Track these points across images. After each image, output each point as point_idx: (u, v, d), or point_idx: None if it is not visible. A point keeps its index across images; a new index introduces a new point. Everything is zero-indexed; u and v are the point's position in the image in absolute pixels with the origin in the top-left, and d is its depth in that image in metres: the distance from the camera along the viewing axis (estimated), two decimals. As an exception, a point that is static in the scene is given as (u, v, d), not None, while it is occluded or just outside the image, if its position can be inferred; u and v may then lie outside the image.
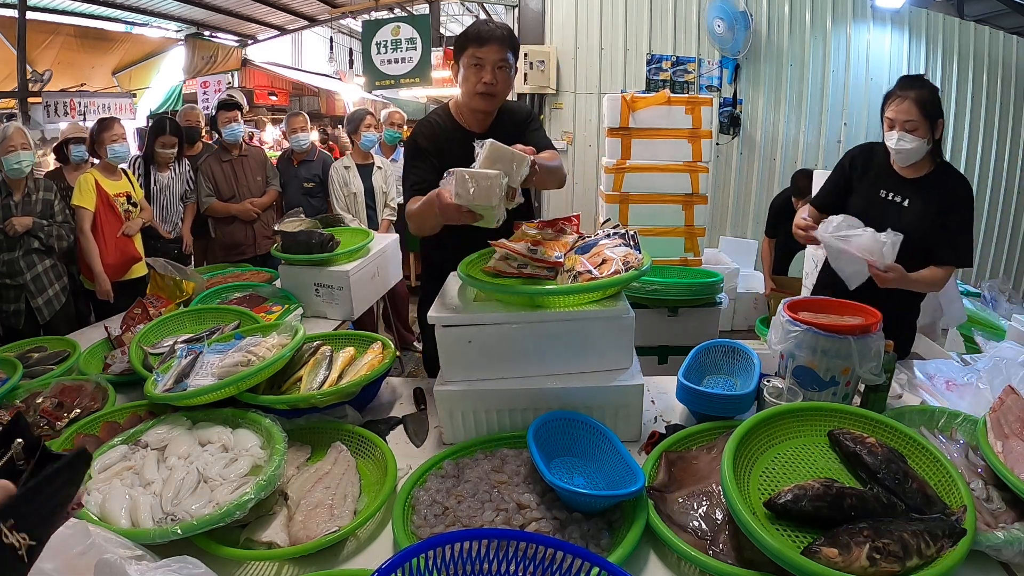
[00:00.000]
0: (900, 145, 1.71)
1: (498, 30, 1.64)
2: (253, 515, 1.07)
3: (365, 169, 3.67)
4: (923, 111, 1.69)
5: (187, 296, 2.19)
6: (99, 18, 6.02)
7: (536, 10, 4.83)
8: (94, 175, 2.83)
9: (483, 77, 1.63)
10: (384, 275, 2.60)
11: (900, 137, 1.70)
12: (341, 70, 10.49)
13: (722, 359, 1.59)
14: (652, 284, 2.41)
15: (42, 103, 5.35)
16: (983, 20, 5.57)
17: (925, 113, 1.69)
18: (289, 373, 1.49)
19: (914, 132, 1.69)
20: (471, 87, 1.65)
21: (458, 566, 0.83)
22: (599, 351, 1.33)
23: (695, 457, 1.19)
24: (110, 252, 2.83)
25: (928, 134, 1.71)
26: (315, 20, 7.47)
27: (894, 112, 1.72)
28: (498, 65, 1.63)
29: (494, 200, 1.29)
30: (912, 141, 1.70)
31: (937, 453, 1.06)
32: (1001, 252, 4.74)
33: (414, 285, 5.37)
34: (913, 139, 1.70)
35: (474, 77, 1.63)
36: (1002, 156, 4.58)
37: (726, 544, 0.96)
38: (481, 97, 1.66)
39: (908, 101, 1.69)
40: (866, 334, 1.28)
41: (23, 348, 1.94)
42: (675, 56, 4.67)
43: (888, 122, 1.75)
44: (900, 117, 1.70)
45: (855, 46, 4.49)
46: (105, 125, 2.94)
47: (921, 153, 1.73)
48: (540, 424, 1.21)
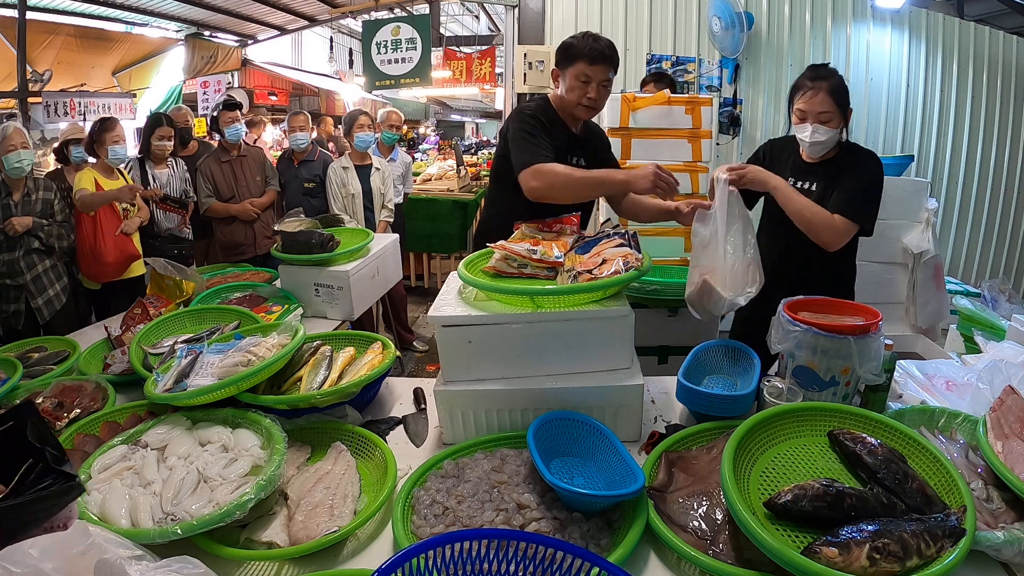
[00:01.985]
0: (815, 138, 1.68)
1: (608, 50, 1.76)
2: (253, 515, 1.07)
3: (363, 170, 3.68)
4: (837, 101, 1.66)
5: (187, 296, 2.19)
6: (99, 18, 6.01)
7: (536, 10, 4.83)
8: (93, 173, 2.83)
9: (588, 93, 1.78)
10: (384, 275, 2.60)
11: (815, 130, 1.67)
12: (341, 70, 10.50)
13: (722, 359, 1.59)
14: (652, 284, 2.40)
15: (42, 103, 5.35)
16: (983, 20, 5.57)
17: (839, 103, 1.66)
18: (289, 373, 1.49)
19: (828, 123, 1.66)
20: (575, 98, 1.80)
21: (458, 566, 0.83)
22: (599, 351, 1.33)
23: (695, 457, 1.19)
24: (109, 250, 2.83)
25: (841, 124, 1.69)
26: (315, 20, 7.47)
27: (807, 104, 1.67)
28: (602, 83, 1.78)
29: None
30: (826, 133, 1.67)
31: (937, 453, 1.06)
32: (1001, 252, 4.73)
33: (414, 285, 5.38)
34: (827, 131, 1.67)
35: (580, 91, 1.78)
36: (1002, 156, 4.58)
37: (726, 544, 0.96)
38: (584, 109, 1.82)
39: (822, 92, 1.65)
40: (866, 334, 1.28)
41: (23, 348, 1.94)
42: (675, 56, 4.66)
43: (799, 114, 1.70)
44: (814, 108, 1.66)
45: (855, 46, 4.48)
46: (107, 125, 2.93)
47: (832, 144, 1.72)
48: (540, 424, 1.21)
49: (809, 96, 1.67)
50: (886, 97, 4.50)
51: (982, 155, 4.57)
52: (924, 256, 2.90)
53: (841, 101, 1.67)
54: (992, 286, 2.37)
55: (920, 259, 2.91)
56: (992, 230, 4.68)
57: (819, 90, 1.65)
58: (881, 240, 3.03)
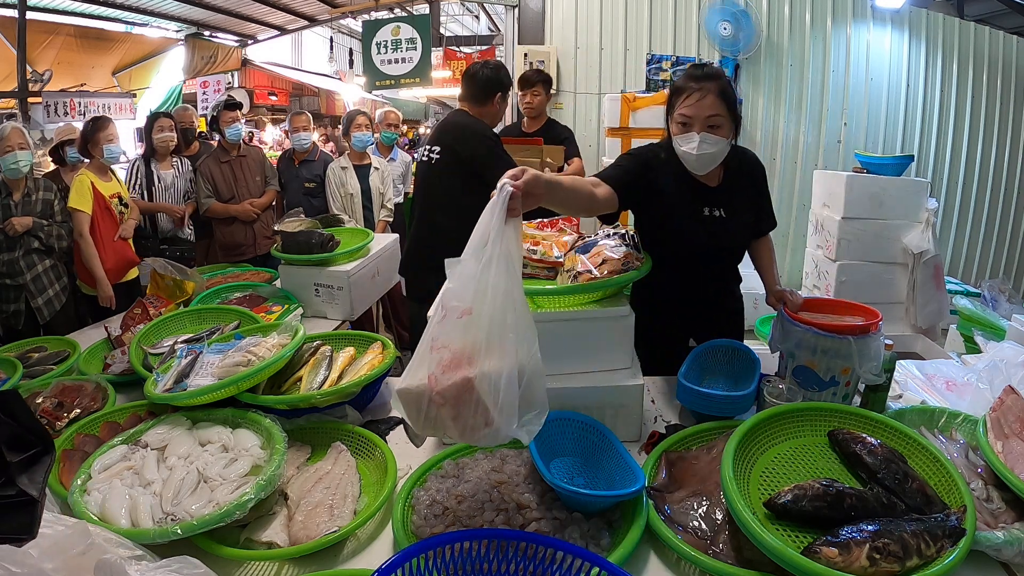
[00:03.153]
0: (703, 149, 1.41)
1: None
2: (253, 515, 1.07)
3: (362, 170, 3.67)
4: (728, 105, 1.41)
5: (187, 296, 2.19)
6: (99, 18, 6.01)
7: (536, 10, 4.82)
8: (89, 177, 2.78)
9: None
10: (384, 275, 2.60)
11: (703, 139, 1.41)
12: (341, 70, 10.50)
13: (722, 359, 1.59)
14: (652, 284, 2.40)
15: (42, 103, 5.35)
16: (983, 20, 5.57)
17: (729, 107, 1.42)
18: (289, 373, 1.49)
19: (718, 130, 1.42)
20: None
21: (458, 566, 0.83)
22: (599, 351, 1.33)
23: (695, 457, 1.19)
24: (108, 257, 2.81)
25: (731, 132, 1.46)
26: (315, 20, 7.46)
27: (693, 109, 1.40)
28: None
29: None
30: (716, 143, 1.42)
31: (937, 453, 1.06)
32: (1001, 252, 4.73)
33: (414, 285, 5.37)
34: (717, 140, 1.42)
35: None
36: (1002, 156, 4.57)
37: (726, 544, 0.96)
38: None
39: (711, 95, 1.39)
40: (866, 334, 1.28)
41: (23, 348, 1.94)
42: (675, 56, 4.66)
43: (683, 120, 1.42)
44: (701, 113, 1.39)
45: (855, 46, 4.48)
46: (100, 124, 2.87)
47: (722, 157, 1.47)
48: (540, 424, 1.21)
49: (696, 99, 1.40)
50: (886, 97, 4.50)
51: (982, 155, 4.57)
52: (924, 256, 2.91)
53: (732, 105, 1.44)
54: (992, 286, 2.38)
55: (920, 259, 2.92)
56: (992, 230, 4.68)
57: (707, 92, 1.39)
58: (881, 240, 3.03)
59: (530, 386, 0.86)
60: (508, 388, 0.83)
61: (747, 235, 1.63)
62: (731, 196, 1.54)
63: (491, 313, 0.84)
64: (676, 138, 1.45)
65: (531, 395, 0.87)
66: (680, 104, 1.43)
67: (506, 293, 0.84)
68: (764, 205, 1.64)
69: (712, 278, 1.64)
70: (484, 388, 0.82)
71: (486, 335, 0.84)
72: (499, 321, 0.84)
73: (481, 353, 0.84)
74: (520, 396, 0.85)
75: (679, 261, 1.55)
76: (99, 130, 2.85)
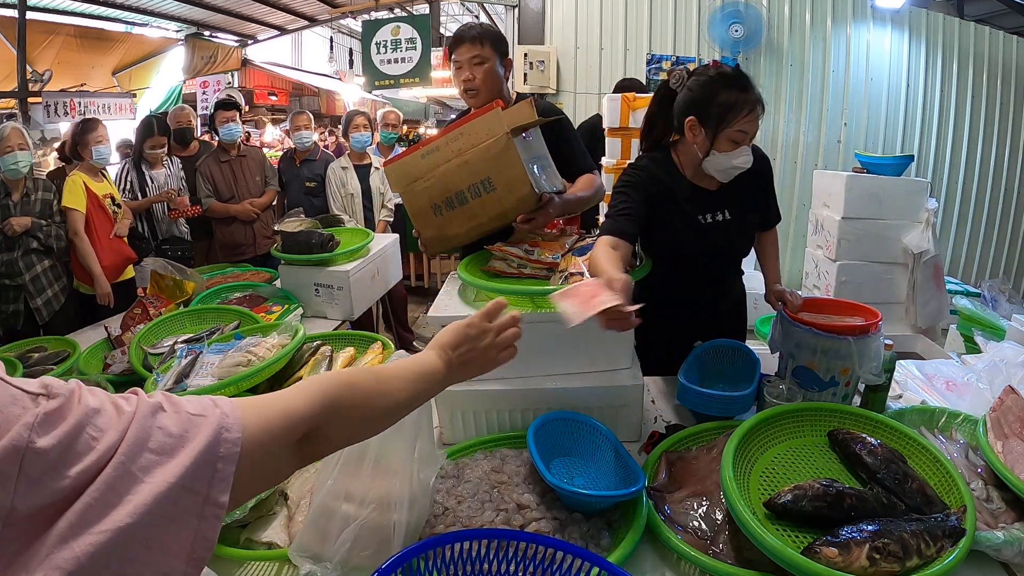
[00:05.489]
0: (745, 163, 1.40)
1: (470, 30, 1.71)
2: (253, 515, 1.07)
3: (362, 170, 3.68)
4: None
5: (187, 296, 2.19)
6: (99, 18, 6.01)
7: (536, 10, 4.83)
8: (81, 177, 2.77)
9: (463, 75, 1.71)
10: (384, 275, 2.60)
11: (747, 153, 1.39)
12: (341, 70, 10.50)
13: (722, 359, 1.59)
14: (652, 284, 2.40)
15: (42, 103, 5.35)
16: (983, 20, 5.57)
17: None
18: (289, 373, 1.49)
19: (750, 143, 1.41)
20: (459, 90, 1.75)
21: (458, 566, 0.83)
22: (599, 351, 1.33)
23: (695, 457, 1.19)
24: (105, 255, 2.80)
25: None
26: (315, 20, 7.47)
27: (751, 125, 1.36)
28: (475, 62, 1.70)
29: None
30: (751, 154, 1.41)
31: (937, 453, 1.06)
32: (1001, 252, 4.73)
33: (414, 285, 5.38)
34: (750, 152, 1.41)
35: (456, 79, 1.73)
36: (1002, 156, 4.58)
37: (726, 544, 0.96)
38: (466, 95, 1.74)
39: (758, 108, 1.37)
40: (866, 334, 1.28)
41: (23, 348, 1.94)
42: (675, 56, 4.66)
43: (738, 138, 1.37)
44: (754, 128, 1.37)
45: (855, 46, 4.48)
46: (90, 126, 2.86)
47: None
48: (540, 424, 1.21)
49: (751, 116, 1.36)
50: (886, 97, 4.50)
51: (982, 155, 4.57)
52: (924, 256, 2.91)
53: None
54: (992, 286, 2.37)
55: (920, 259, 2.91)
56: (992, 230, 4.68)
57: (755, 105, 1.36)
58: (881, 240, 3.03)
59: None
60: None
61: (752, 234, 1.61)
62: (735, 196, 1.51)
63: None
64: (722, 154, 1.39)
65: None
66: (738, 121, 1.35)
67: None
68: (770, 200, 1.61)
69: (713, 280, 1.63)
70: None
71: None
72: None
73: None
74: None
75: (680, 263, 1.54)
76: (88, 132, 2.83)
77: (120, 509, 0.40)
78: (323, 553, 0.88)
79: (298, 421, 0.55)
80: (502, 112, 1.48)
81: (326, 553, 0.88)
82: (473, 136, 1.49)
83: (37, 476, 0.39)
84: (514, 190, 1.47)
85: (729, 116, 1.35)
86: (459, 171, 1.50)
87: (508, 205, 1.48)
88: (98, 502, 0.40)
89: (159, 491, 0.42)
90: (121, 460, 0.42)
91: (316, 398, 0.58)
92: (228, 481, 0.46)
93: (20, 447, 0.39)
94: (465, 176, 1.50)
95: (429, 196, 1.56)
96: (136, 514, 0.41)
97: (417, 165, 1.56)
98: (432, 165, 1.54)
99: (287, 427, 0.54)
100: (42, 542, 0.38)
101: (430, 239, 1.62)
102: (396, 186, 1.61)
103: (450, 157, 1.52)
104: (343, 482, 0.91)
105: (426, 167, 1.55)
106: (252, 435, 0.49)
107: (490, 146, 1.47)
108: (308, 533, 0.91)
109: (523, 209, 1.47)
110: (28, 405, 0.41)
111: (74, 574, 0.38)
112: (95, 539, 0.39)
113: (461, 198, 1.52)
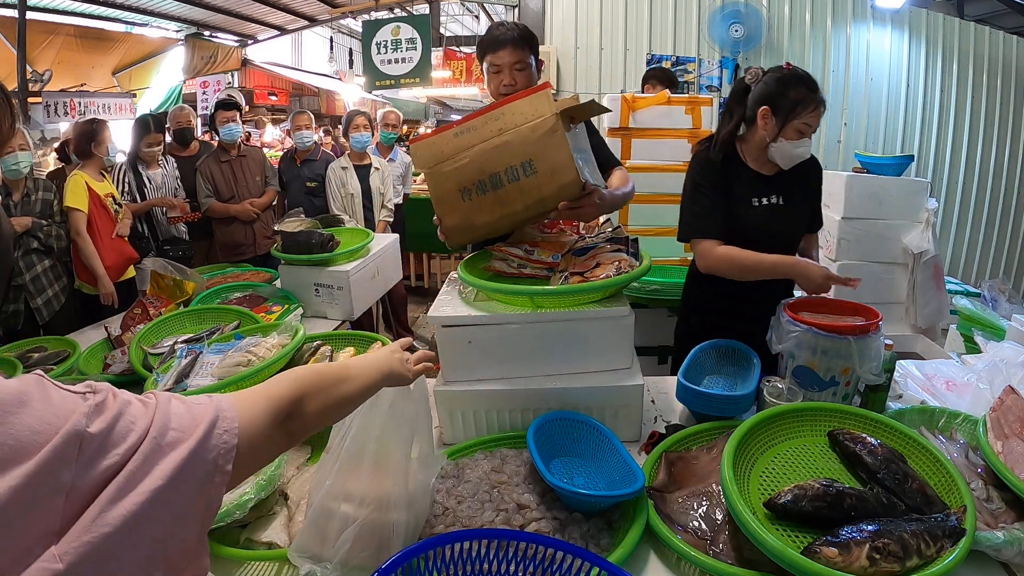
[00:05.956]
0: (805, 153, 1.61)
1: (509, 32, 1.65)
2: (253, 515, 1.07)
3: (363, 170, 3.68)
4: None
5: (187, 296, 2.19)
6: (99, 18, 6.02)
7: (536, 10, 4.83)
8: (83, 177, 2.77)
9: (502, 80, 1.66)
10: (384, 275, 2.60)
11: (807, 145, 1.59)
12: (341, 70, 10.49)
13: (722, 359, 1.59)
14: (652, 284, 2.40)
15: (42, 103, 5.35)
16: (983, 20, 5.57)
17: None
18: (289, 373, 1.49)
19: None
20: (493, 91, 1.70)
21: (458, 566, 0.83)
22: (599, 351, 1.33)
23: (695, 457, 1.19)
24: (108, 255, 2.80)
25: None
26: (315, 20, 7.48)
27: (815, 119, 1.57)
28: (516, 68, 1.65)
29: None
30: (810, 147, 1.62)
31: (937, 453, 1.06)
32: (1001, 252, 4.73)
33: (414, 285, 5.38)
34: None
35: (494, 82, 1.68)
36: (1002, 156, 4.58)
37: (726, 544, 0.96)
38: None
39: (821, 106, 1.57)
40: (866, 334, 1.28)
41: (23, 348, 1.94)
42: (675, 56, 4.67)
43: (803, 129, 1.57)
44: (816, 125, 1.58)
45: (855, 46, 4.49)
46: (102, 125, 2.87)
47: None
48: (540, 424, 1.21)
49: (816, 112, 1.57)
50: (886, 97, 4.50)
51: (982, 155, 4.57)
52: (924, 256, 2.90)
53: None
54: (992, 286, 2.37)
55: (920, 259, 2.91)
56: (992, 230, 4.68)
57: (819, 104, 1.57)
58: (881, 240, 3.03)
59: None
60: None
61: (803, 224, 1.73)
62: (788, 186, 1.67)
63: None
64: (787, 142, 1.57)
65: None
66: (805, 115, 1.55)
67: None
68: (817, 204, 1.76)
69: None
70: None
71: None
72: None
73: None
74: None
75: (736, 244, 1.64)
76: (104, 130, 2.86)
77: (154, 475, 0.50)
78: (323, 553, 0.88)
79: (280, 402, 0.68)
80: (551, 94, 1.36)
81: (325, 553, 0.88)
82: (517, 115, 1.35)
83: (91, 456, 0.48)
84: (557, 176, 1.35)
85: (798, 109, 1.54)
86: (497, 151, 1.37)
87: (549, 192, 1.36)
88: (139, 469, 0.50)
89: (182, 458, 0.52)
90: (153, 436, 0.52)
91: (292, 382, 0.72)
92: (232, 453, 0.57)
93: (80, 432, 0.48)
94: (504, 157, 1.37)
95: (459, 178, 1.41)
96: (166, 478, 0.50)
97: (448, 143, 1.41)
98: (465, 145, 1.39)
99: (273, 407, 0.67)
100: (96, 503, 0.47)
101: (453, 227, 1.48)
102: (421, 165, 1.47)
103: (487, 136, 1.38)
104: (342, 483, 0.91)
105: (458, 147, 1.40)
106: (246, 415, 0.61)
107: (536, 126, 1.34)
108: (308, 533, 0.91)
109: (564, 197, 1.37)
110: (79, 401, 0.50)
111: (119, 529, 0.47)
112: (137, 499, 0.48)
113: (496, 181, 1.39)
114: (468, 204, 1.42)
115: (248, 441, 0.60)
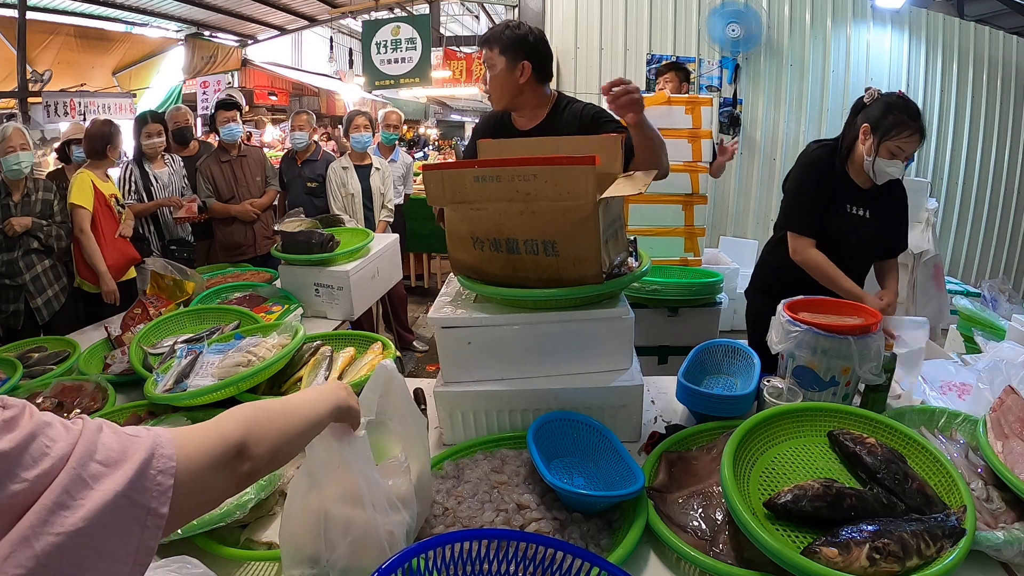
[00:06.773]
0: (896, 172, 1.74)
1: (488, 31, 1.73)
2: (253, 515, 1.07)
3: (363, 170, 3.68)
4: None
5: (187, 296, 2.19)
6: (99, 18, 6.02)
7: (536, 10, 4.83)
8: (89, 175, 2.78)
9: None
10: (384, 275, 2.60)
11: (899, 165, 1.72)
12: (341, 70, 10.49)
13: (722, 359, 1.59)
14: (652, 284, 2.40)
15: (42, 103, 5.35)
16: (983, 20, 5.57)
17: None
18: (289, 373, 1.49)
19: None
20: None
21: (458, 566, 0.83)
22: (599, 351, 1.33)
23: (695, 457, 1.19)
24: (110, 253, 2.81)
25: None
26: (315, 20, 7.48)
27: (910, 146, 1.70)
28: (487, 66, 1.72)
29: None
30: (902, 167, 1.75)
31: (937, 453, 1.06)
32: (1001, 252, 4.74)
33: (414, 285, 5.38)
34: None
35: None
36: (1002, 156, 4.58)
37: (726, 544, 0.96)
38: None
39: (918, 135, 1.69)
40: (866, 334, 1.28)
41: (23, 348, 1.94)
42: (675, 56, 4.66)
43: (895, 151, 1.71)
44: (910, 150, 1.71)
45: (855, 46, 4.49)
46: (118, 129, 2.91)
47: None
48: (540, 424, 1.21)
49: (913, 139, 1.69)
50: (886, 97, 4.50)
51: (982, 155, 4.57)
52: (924, 256, 2.91)
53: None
54: (992, 286, 2.37)
55: (920, 259, 2.92)
56: (992, 230, 4.68)
57: (916, 131, 1.69)
58: (881, 240, 3.03)
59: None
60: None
61: (883, 243, 1.86)
62: (878, 203, 1.82)
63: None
64: (881, 160, 1.72)
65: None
66: (899, 138, 1.69)
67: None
68: (902, 228, 1.90)
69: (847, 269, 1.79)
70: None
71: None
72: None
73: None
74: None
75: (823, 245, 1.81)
76: (118, 135, 2.89)
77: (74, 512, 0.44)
78: (322, 555, 0.88)
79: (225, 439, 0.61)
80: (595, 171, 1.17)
81: (325, 555, 0.88)
82: (551, 186, 1.19)
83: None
84: (580, 265, 1.25)
85: (893, 132, 1.69)
86: (520, 219, 1.24)
87: (567, 276, 1.26)
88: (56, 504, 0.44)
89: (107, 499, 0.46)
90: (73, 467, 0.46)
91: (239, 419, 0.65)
92: (167, 494, 0.50)
93: None
94: (527, 228, 1.24)
95: (471, 227, 1.31)
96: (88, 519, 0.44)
97: (464, 185, 1.27)
98: (486, 196, 1.25)
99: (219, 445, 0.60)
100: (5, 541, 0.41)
101: (459, 262, 1.39)
102: (431, 199, 1.34)
103: (512, 196, 1.22)
104: (339, 485, 0.90)
105: (476, 193, 1.26)
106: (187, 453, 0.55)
107: (569, 209, 1.20)
108: (307, 536, 0.91)
109: (583, 282, 1.27)
110: None
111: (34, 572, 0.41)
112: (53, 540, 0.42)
113: (512, 247, 1.28)
114: (478, 252, 1.33)
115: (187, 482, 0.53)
